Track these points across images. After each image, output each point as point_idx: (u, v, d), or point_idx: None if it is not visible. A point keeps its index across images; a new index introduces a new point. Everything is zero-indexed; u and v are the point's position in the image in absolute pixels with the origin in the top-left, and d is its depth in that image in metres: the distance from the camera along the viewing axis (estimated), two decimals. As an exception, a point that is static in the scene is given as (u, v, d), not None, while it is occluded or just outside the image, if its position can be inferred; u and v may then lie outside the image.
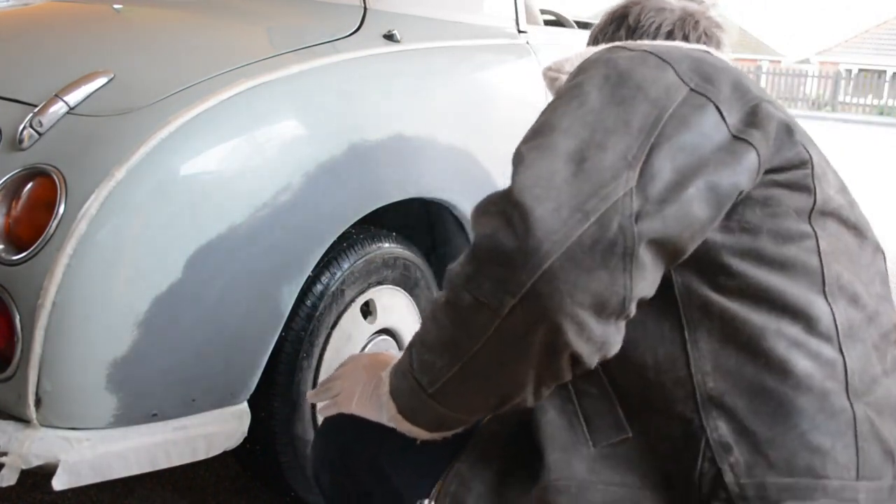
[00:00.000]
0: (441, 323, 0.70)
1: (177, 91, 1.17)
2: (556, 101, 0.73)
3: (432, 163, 1.52)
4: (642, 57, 0.75)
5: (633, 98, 0.71)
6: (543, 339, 0.64)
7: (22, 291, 1.04)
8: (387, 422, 0.84)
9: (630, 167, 0.67)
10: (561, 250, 0.62)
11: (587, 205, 0.64)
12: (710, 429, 0.71)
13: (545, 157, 0.67)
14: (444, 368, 0.71)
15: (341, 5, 1.64)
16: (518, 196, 0.64)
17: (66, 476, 1.04)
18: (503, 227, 0.64)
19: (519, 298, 0.63)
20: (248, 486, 1.60)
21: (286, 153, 1.24)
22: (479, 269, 0.65)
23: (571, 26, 2.63)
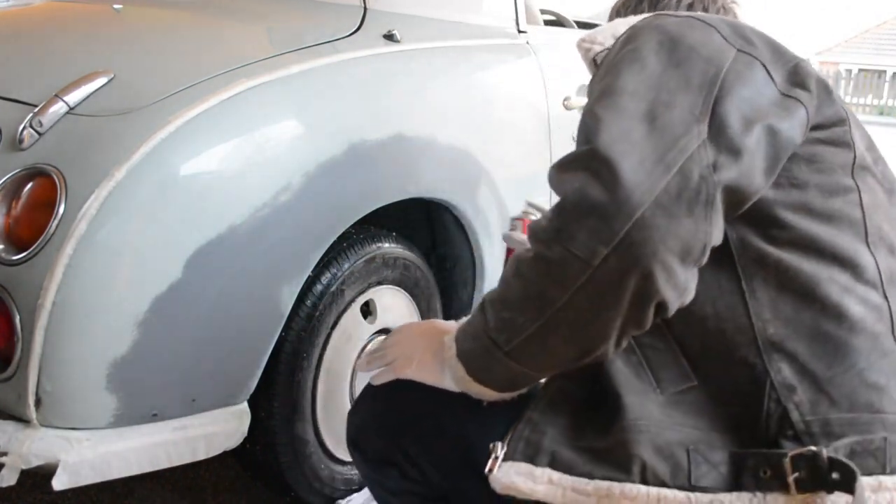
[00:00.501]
0: (527, 277, 0.72)
1: (177, 91, 1.17)
2: (618, 66, 0.76)
3: (432, 163, 1.52)
4: (689, 22, 0.80)
5: (689, 58, 0.76)
6: (635, 287, 0.67)
7: (22, 291, 1.04)
8: (451, 385, 0.87)
9: (698, 121, 0.71)
10: (651, 199, 0.65)
11: (667, 157, 0.68)
12: (774, 371, 0.75)
13: (620, 116, 0.71)
14: (527, 324, 0.73)
15: (341, 5, 1.64)
16: (604, 151, 0.67)
17: (66, 476, 1.04)
18: (591, 180, 0.67)
19: (612, 247, 0.65)
20: (248, 486, 1.60)
21: (286, 153, 1.24)
22: (569, 221, 0.67)
23: (571, 26, 2.63)
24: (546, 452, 0.80)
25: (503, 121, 1.74)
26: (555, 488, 0.77)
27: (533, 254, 0.71)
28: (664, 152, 0.68)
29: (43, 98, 1.13)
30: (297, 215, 1.24)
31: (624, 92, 0.73)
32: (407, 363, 0.94)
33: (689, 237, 0.67)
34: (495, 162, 1.69)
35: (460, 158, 1.59)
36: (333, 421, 1.45)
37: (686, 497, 0.72)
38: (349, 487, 1.51)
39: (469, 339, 0.82)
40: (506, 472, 0.80)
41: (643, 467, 0.74)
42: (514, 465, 0.80)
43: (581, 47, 0.96)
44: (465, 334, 0.83)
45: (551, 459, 0.79)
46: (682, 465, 0.74)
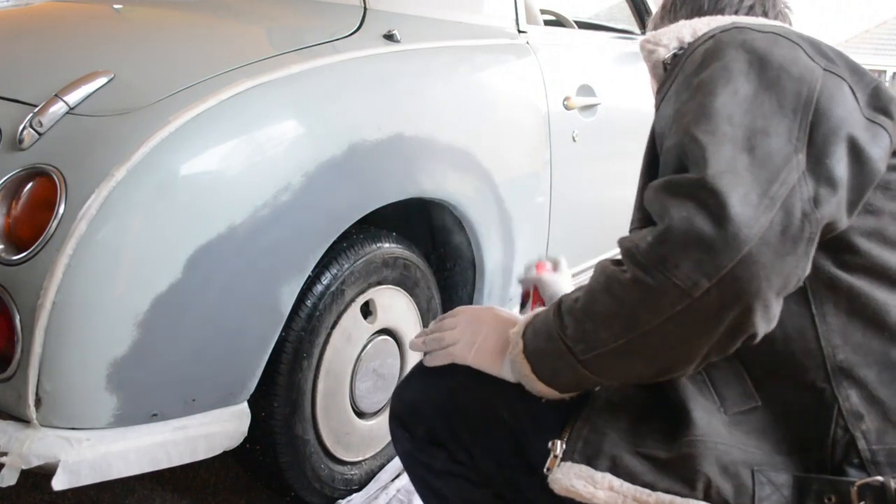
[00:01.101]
0: (619, 297, 0.71)
1: (177, 91, 1.17)
2: (710, 85, 0.75)
3: (432, 163, 1.52)
4: (773, 38, 0.79)
5: (779, 79, 0.75)
6: (732, 321, 0.67)
7: (22, 291, 1.04)
8: (511, 379, 0.87)
9: (796, 150, 0.71)
10: (758, 236, 0.65)
11: (770, 191, 0.68)
12: (842, 398, 0.74)
13: (722, 143, 0.70)
14: (609, 339, 0.73)
15: (341, 5, 1.64)
16: (712, 182, 0.67)
17: (66, 476, 1.04)
18: (699, 211, 0.67)
19: (715, 282, 0.65)
20: (248, 486, 1.60)
21: (286, 153, 1.24)
22: (674, 250, 0.67)
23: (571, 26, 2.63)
24: (606, 456, 0.79)
25: (503, 121, 1.74)
26: (615, 495, 0.76)
27: (630, 276, 0.70)
28: (767, 186, 0.68)
29: (43, 98, 1.13)
30: (297, 215, 1.24)
31: (721, 116, 0.72)
32: (466, 349, 0.93)
33: (790, 274, 0.68)
34: (495, 162, 1.69)
35: (460, 158, 1.59)
36: (333, 421, 1.45)
37: None
38: (349, 487, 1.51)
39: (541, 339, 0.81)
40: (566, 474, 0.80)
41: (707, 484, 0.74)
42: (575, 468, 0.79)
43: (644, 48, 0.95)
44: (535, 334, 0.83)
45: (612, 465, 0.78)
46: (747, 485, 0.73)
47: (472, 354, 0.92)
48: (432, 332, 0.99)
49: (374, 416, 1.55)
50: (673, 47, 0.91)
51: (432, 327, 1.00)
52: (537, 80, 1.84)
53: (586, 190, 2.04)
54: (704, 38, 0.84)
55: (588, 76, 2.02)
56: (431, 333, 0.99)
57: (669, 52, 0.91)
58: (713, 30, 0.85)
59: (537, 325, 0.83)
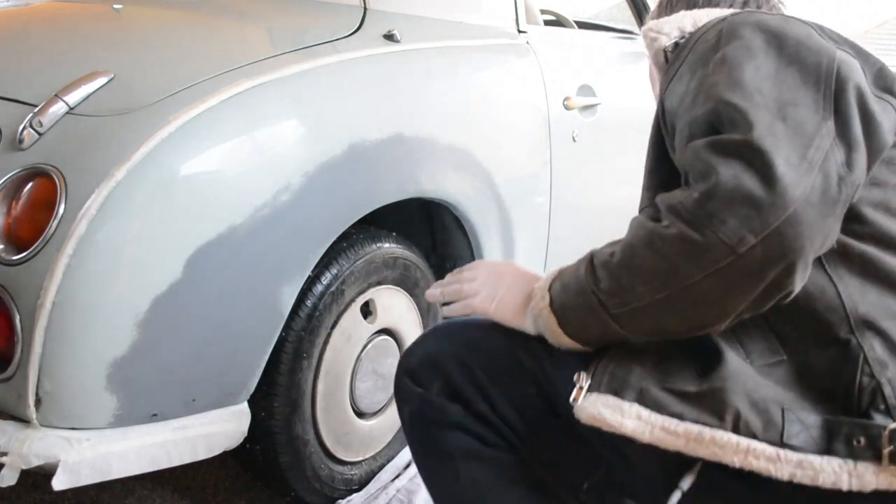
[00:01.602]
0: (661, 251, 0.72)
1: (177, 91, 1.17)
2: (734, 60, 0.77)
3: (432, 163, 1.52)
4: (785, 19, 0.82)
5: (798, 53, 0.78)
6: (774, 277, 0.69)
7: (22, 291, 1.04)
8: (533, 331, 0.87)
9: (824, 118, 0.74)
10: (803, 196, 0.68)
11: (808, 155, 0.70)
12: (867, 347, 0.76)
13: (759, 109, 0.72)
14: (646, 294, 0.74)
15: (341, 5, 1.64)
16: (758, 142, 0.69)
17: (66, 476, 1.04)
18: (747, 170, 0.68)
19: (762, 238, 0.67)
20: (248, 486, 1.60)
21: (286, 153, 1.24)
22: (722, 207, 0.68)
23: (571, 26, 2.63)
24: (633, 388, 0.79)
25: (503, 121, 1.74)
26: (643, 424, 0.76)
27: (676, 231, 0.71)
28: (805, 150, 0.71)
29: (43, 98, 1.13)
30: (297, 215, 1.24)
31: (751, 87, 0.74)
32: (487, 301, 0.92)
33: (828, 233, 0.71)
34: (495, 162, 1.69)
35: (460, 158, 1.59)
36: (333, 421, 1.45)
37: (776, 453, 0.72)
38: (349, 487, 1.51)
39: (570, 294, 0.82)
40: (593, 403, 0.79)
41: (737, 417, 0.74)
42: (602, 398, 0.79)
43: (647, 35, 0.96)
44: (563, 288, 0.83)
45: (639, 396, 0.78)
46: (776, 421, 0.74)
47: (493, 306, 0.91)
48: (450, 284, 0.98)
49: (374, 416, 1.55)
50: (675, 36, 0.92)
51: (449, 279, 0.99)
52: (537, 80, 1.84)
53: (586, 190, 2.04)
54: (713, 22, 0.85)
55: (588, 76, 2.02)
56: (449, 285, 0.97)
57: (671, 40, 0.93)
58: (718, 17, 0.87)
59: (566, 279, 0.83)
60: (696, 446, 0.74)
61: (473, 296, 0.94)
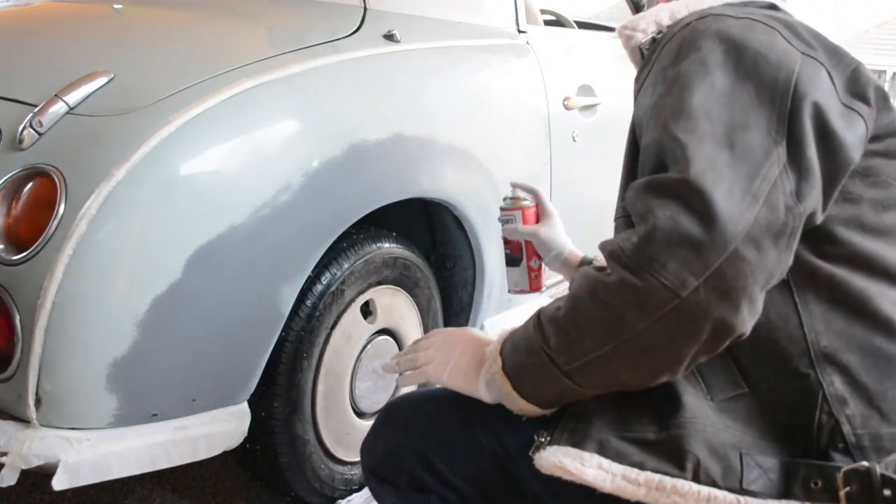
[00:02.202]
0: (604, 301, 0.70)
1: (177, 91, 1.17)
2: (686, 80, 0.75)
3: (432, 163, 1.52)
4: (749, 24, 0.78)
5: (756, 67, 0.74)
6: (719, 318, 0.67)
7: (22, 291, 1.04)
8: (485, 397, 0.85)
9: (776, 142, 0.71)
10: (743, 233, 0.66)
11: (753, 187, 0.68)
12: (827, 383, 0.74)
13: (702, 142, 0.70)
14: (594, 346, 0.72)
15: (341, 5, 1.64)
16: (696, 180, 0.67)
17: (66, 476, 1.04)
18: (684, 210, 0.67)
19: (703, 279, 0.66)
20: (248, 486, 1.60)
21: (286, 153, 1.24)
22: (661, 250, 0.67)
23: (571, 26, 2.63)
24: (594, 441, 0.78)
25: (503, 121, 1.74)
26: (604, 474, 0.75)
27: (617, 279, 0.69)
28: (749, 182, 0.69)
29: (43, 98, 1.13)
30: (297, 215, 1.24)
31: (699, 113, 0.72)
32: (441, 368, 0.91)
33: (775, 268, 0.69)
34: (495, 162, 1.69)
35: (460, 158, 1.59)
36: (333, 421, 1.45)
37: (736, 500, 0.72)
38: (349, 487, 1.51)
39: (521, 354, 0.80)
40: (553, 453, 0.78)
41: (696, 465, 0.74)
42: (562, 448, 0.79)
43: (622, 34, 0.94)
44: (514, 349, 0.81)
45: (599, 447, 0.77)
46: (735, 467, 0.74)
47: (446, 374, 0.90)
48: (407, 354, 0.97)
49: (373, 416, 1.54)
50: (651, 31, 0.89)
51: (407, 350, 0.98)
52: (537, 80, 1.84)
53: (586, 190, 2.04)
54: (681, 24, 0.83)
55: (588, 76, 2.02)
56: (406, 355, 0.97)
57: (647, 36, 0.90)
58: (690, 15, 0.84)
59: (516, 339, 0.81)
60: (658, 495, 0.73)
61: (427, 364, 0.93)
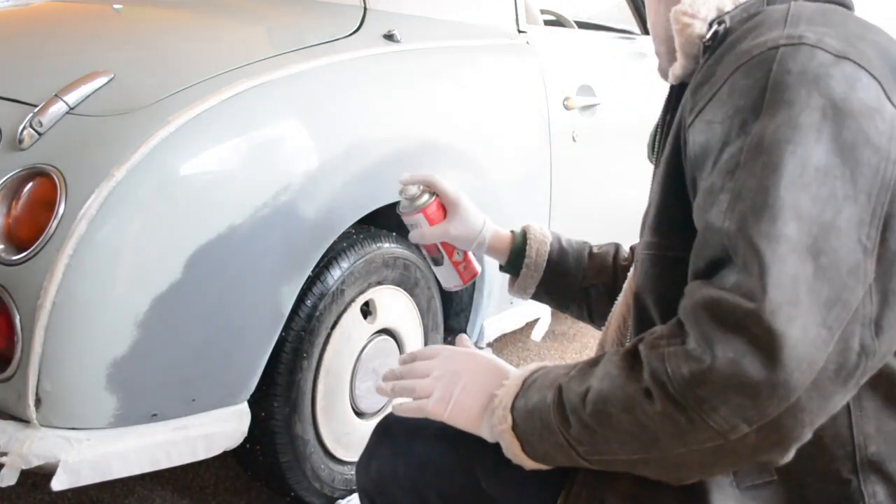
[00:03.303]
0: (640, 422, 0.64)
1: (177, 91, 1.17)
2: (773, 153, 0.63)
3: (432, 163, 1.52)
4: (854, 74, 0.65)
5: (857, 144, 0.63)
6: (764, 459, 0.63)
7: (22, 291, 1.04)
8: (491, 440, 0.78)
9: (866, 252, 0.61)
10: (809, 381, 0.59)
11: (830, 316, 0.60)
12: (868, 495, 0.69)
13: (785, 256, 0.60)
14: (621, 452, 0.67)
15: (341, 5, 1.64)
16: (770, 319, 0.58)
17: (66, 476, 1.04)
18: (749, 352, 0.59)
19: (756, 427, 0.60)
20: (248, 486, 1.60)
21: (286, 153, 1.24)
22: (714, 394, 0.60)
23: (571, 26, 2.63)
24: None
25: (503, 121, 1.74)
26: None
27: (660, 409, 0.62)
28: (828, 310, 0.59)
29: (43, 98, 1.13)
30: (297, 215, 1.24)
31: (786, 208, 0.61)
32: (441, 405, 0.81)
33: (836, 408, 0.62)
34: (495, 162, 1.69)
35: (460, 158, 1.59)
36: (333, 421, 1.45)
37: None
38: (349, 487, 1.51)
39: (535, 424, 0.73)
40: None
41: None
42: None
43: (678, 20, 0.78)
44: (528, 416, 0.73)
45: None
46: None
47: (447, 412, 0.81)
48: (402, 377, 0.88)
49: (374, 416, 1.54)
50: (711, 19, 0.76)
51: (402, 370, 0.88)
52: (537, 80, 1.84)
53: (586, 190, 2.04)
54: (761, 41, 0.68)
55: (588, 76, 2.02)
56: (401, 378, 0.88)
57: (706, 25, 0.76)
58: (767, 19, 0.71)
59: (530, 405, 0.73)
60: None
61: (426, 396, 0.83)
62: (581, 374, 0.71)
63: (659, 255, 0.77)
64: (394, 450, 0.89)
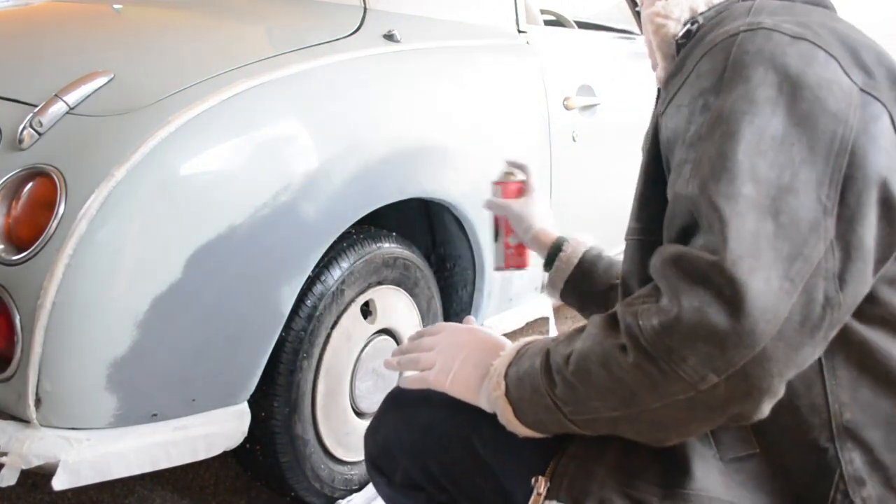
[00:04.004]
0: (616, 376, 0.66)
1: (177, 91, 1.17)
2: (731, 123, 0.66)
3: (432, 163, 1.52)
4: (809, 52, 0.68)
5: (812, 112, 0.65)
6: (737, 410, 0.63)
7: (22, 291, 1.04)
8: (489, 410, 0.81)
9: (826, 212, 0.63)
10: (775, 330, 0.60)
11: (792, 270, 0.61)
12: (845, 461, 0.70)
13: (744, 212, 0.62)
14: (602, 408, 0.69)
15: (341, 5, 1.64)
16: (732, 269, 0.60)
17: (66, 476, 1.04)
18: (714, 301, 0.60)
19: (725, 377, 0.61)
20: (248, 486, 1.60)
21: (286, 153, 1.24)
22: (682, 343, 0.61)
23: (571, 26, 2.63)
24: (594, 497, 0.74)
25: (503, 121, 1.74)
26: None
27: (633, 361, 0.64)
28: (790, 263, 0.61)
29: (43, 98, 1.13)
30: (297, 215, 1.24)
31: (744, 171, 0.63)
32: (443, 375, 0.86)
33: (804, 362, 0.63)
34: (495, 162, 1.69)
35: (460, 158, 1.59)
36: (333, 421, 1.45)
37: None
38: (349, 487, 1.51)
39: (525, 388, 0.76)
40: None
41: None
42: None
43: (653, 21, 0.81)
44: (519, 381, 0.77)
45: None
46: None
47: (448, 381, 0.86)
48: (408, 351, 0.93)
49: (374, 416, 1.55)
50: (685, 20, 0.80)
51: (409, 345, 0.94)
52: (537, 80, 1.84)
53: (586, 190, 2.04)
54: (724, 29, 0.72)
55: (588, 76, 2.02)
56: (408, 352, 0.93)
57: (681, 25, 0.80)
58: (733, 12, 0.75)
59: (521, 371, 0.77)
60: None
61: (429, 368, 0.88)
62: (567, 339, 0.74)
63: (643, 240, 0.80)
64: (399, 418, 0.93)
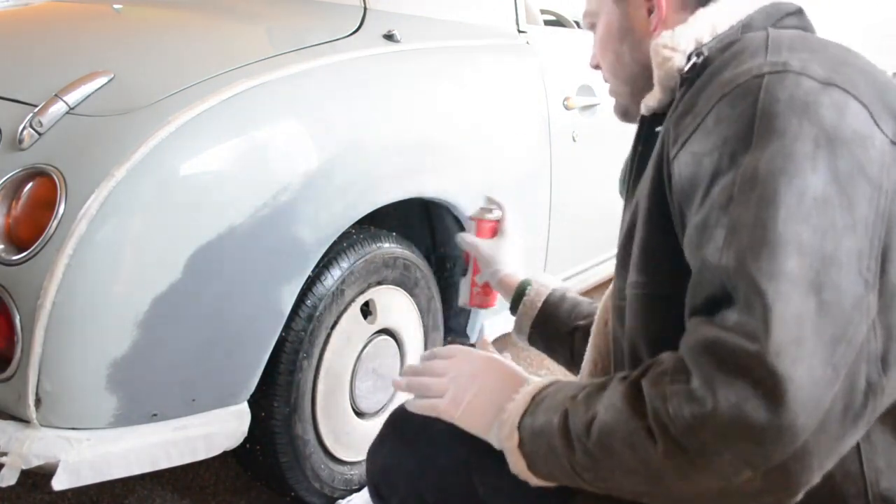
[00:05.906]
0: (643, 459, 0.63)
1: (177, 91, 1.17)
2: (768, 185, 0.61)
3: (432, 163, 1.52)
4: (843, 101, 0.64)
5: (851, 174, 0.61)
6: (773, 500, 0.60)
7: (22, 291, 1.04)
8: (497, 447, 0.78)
9: (868, 286, 0.60)
10: (816, 424, 0.56)
11: (836, 355, 0.57)
12: None
13: (788, 293, 0.58)
14: (624, 482, 0.66)
15: (341, 5, 1.65)
16: (774, 361, 0.56)
17: (66, 476, 1.04)
18: (753, 396, 0.56)
19: (762, 472, 0.58)
20: (248, 486, 1.60)
21: (286, 153, 1.24)
22: (717, 440, 0.58)
23: (571, 26, 2.63)
24: None
25: (503, 121, 1.74)
26: None
27: (662, 450, 0.61)
28: (833, 348, 0.57)
29: (43, 98, 1.13)
30: (297, 215, 1.24)
31: (787, 243, 0.59)
32: (453, 406, 0.83)
33: (846, 449, 0.60)
34: (495, 162, 1.69)
35: (460, 158, 1.59)
36: (333, 421, 1.45)
37: None
38: (349, 487, 1.51)
39: (542, 446, 0.73)
40: None
41: None
42: None
43: (658, 52, 0.78)
44: (535, 436, 0.73)
45: None
46: None
47: (458, 413, 0.82)
48: (419, 373, 0.89)
49: (374, 416, 1.54)
50: (690, 51, 0.76)
51: (420, 367, 0.90)
52: (537, 80, 1.84)
53: (586, 190, 2.04)
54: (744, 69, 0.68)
55: (588, 76, 2.02)
56: (418, 375, 0.89)
57: (685, 57, 0.76)
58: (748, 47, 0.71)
59: (538, 424, 0.73)
60: None
61: (439, 396, 0.85)
62: (587, 400, 0.70)
63: (647, 293, 0.76)
64: (401, 441, 0.90)
